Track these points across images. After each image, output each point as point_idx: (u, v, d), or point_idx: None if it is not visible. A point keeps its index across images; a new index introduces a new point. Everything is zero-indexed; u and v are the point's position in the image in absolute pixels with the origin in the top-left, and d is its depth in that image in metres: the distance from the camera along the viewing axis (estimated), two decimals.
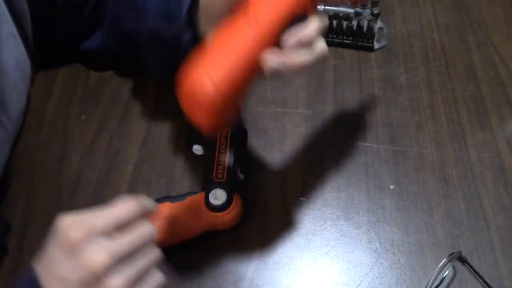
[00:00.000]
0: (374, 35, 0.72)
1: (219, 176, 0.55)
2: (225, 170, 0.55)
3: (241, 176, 0.57)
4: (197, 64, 0.40)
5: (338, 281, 0.52)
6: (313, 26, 0.43)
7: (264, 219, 0.56)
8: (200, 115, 0.40)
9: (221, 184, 0.54)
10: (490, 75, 0.70)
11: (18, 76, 0.56)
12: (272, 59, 0.41)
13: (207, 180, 0.55)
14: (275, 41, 0.41)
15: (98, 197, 0.58)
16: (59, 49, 0.69)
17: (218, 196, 0.53)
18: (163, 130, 0.64)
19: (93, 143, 0.63)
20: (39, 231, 0.55)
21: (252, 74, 0.41)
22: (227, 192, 0.53)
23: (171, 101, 0.67)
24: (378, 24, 0.74)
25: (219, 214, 0.53)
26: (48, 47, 0.66)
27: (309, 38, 0.42)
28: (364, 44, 0.72)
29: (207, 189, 0.54)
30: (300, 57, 0.42)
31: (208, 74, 0.38)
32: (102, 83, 0.69)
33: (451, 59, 0.72)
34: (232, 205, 0.53)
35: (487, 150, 0.62)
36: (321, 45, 0.44)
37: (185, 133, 0.61)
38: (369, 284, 0.52)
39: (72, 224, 0.38)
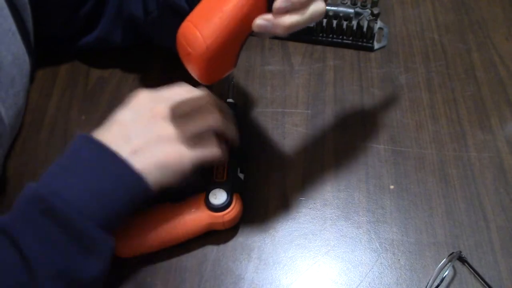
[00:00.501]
0: (374, 35, 0.72)
1: (219, 176, 0.55)
2: (225, 170, 0.55)
3: (241, 176, 0.57)
4: (189, 20, 0.42)
5: (338, 281, 0.52)
6: None
7: (264, 219, 0.56)
8: (194, 68, 0.43)
9: (221, 184, 0.54)
10: (490, 75, 0.70)
11: (16, 72, 0.55)
12: (260, 17, 0.42)
13: (207, 180, 0.55)
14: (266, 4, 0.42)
15: None
16: (56, 46, 0.69)
17: (218, 196, 0.53)
18: None
19: None
20: None
21: (241, 31, 0.42)
22: (227, 192, 0.53)
23: None
24: (378, 24, 0.74)
25: (219, 214, 0.52)
26: (46, 43, 0.66)
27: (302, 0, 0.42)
28: (364, 44, 0.72)
29: (207, 189, 0.54)
30: (290, 18, 0.42)
31: (198, 31, 0.41)
32: (102, 83, 0.69)
33: (451, 59, 0.72)
34: (232, 205, 0.53)
35: (487, 150, 0.62)
36: (317, 6, 0.44)
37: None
38: (369, 284, 0.52)
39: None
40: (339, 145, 0.62)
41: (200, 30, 0.41)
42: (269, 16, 0.43)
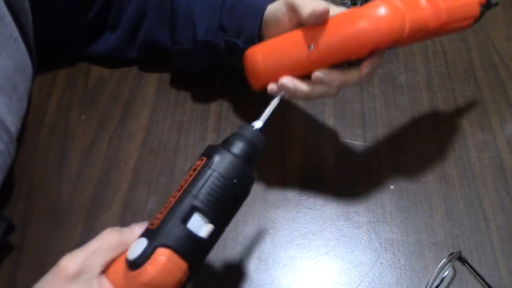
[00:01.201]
0: None
1: (155, 220, 0.39)
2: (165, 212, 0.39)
3: (206, 230, 0.38)
4: (257, 46, 0.53)
5: (338, 281, 0.52)
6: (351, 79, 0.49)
7: (264, 219, 0.56)
8: (251, 79, 0.55)
9: (149, 232, 0.38)
10: (490, 75, 0.70)
11: (18, 78, 0.56)
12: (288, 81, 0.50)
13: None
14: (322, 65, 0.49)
15: (98, 197, 0.58)
16: (60, 50, 0.70)
17: (134, 247, 0.38)
18: (163, 130, 0.64)
19: (93, 143, 0.63)
20: (39, 231, 0.55)
21: (293, 72, 0.51)
22: (148, 241, 0.37)
23: (171, 100, 0.67)
24: None
25: (130, 272, 0.37)
26: (49, 47, 0.67)
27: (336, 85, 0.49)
28: None
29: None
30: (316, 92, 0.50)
31: (261, 54, 0.52)
32: (102, 83, 0.69)
33: (451, 59, 0.72)
34: (150, 261, 0.36)
35: (487, 150, 0.62)
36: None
37: None
38: (369, 284, 0.52)
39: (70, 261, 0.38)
40: (339, 145, 0.62)
41: (264, 59, 0.52)
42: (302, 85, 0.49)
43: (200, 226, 0.38)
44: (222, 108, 0.66)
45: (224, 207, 0.39)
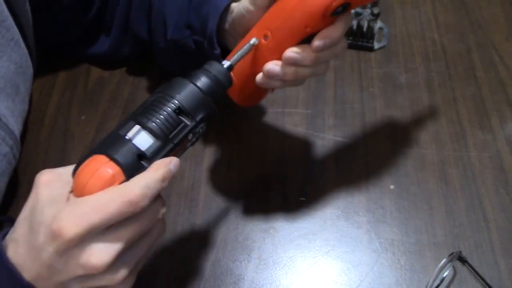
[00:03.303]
0: (374, 35, 0.72)
1: None
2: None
3: (134, 130, 0.39)
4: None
5: (338, 281, 0.52)
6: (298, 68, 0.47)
7: (264, 219, 0.56)
8: (232, 96, 0.54)
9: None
10: (490, 75, 0.70)
11: (20, 80, 0.56)
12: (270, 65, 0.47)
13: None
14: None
15: None
16: (59, 52, 0.70)
17: None
18: None
19: (93, 143, 0.63)
20: None
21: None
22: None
23: None
24: (378, 24, 0.74)
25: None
26: (48, 49, 0.67)
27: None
28: (364, 44, 0.72)
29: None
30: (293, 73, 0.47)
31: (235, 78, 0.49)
32: (102, 83, 0.69)
33: (451, 59, 0.72)
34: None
35: (487, 150, 0.62)
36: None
37: None
38: (369, 284, 0.52)
39: (65, 217, 0.34)
40: (339, 145, 0.62)
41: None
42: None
43: (130, 130, 0.38)
44: None
45: (165, 120, 0.39)
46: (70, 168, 0.39)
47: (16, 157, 0.55)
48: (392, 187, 0.59)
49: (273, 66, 0.47)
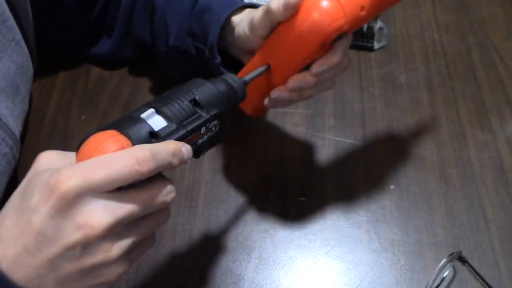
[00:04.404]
0: (374, 35, 0.72)
1: None
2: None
3: (148, 112, 0.38)
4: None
5: (338, 281, 0.52)
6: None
7: (264, 219, 0.56)
8: (242, 107, 0.54)
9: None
10: (490, 75, 0.70)
11: (20, 80, 0.56)
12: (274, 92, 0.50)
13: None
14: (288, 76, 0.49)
15: None
16: (60, 52, 0.70)
17: None
18: None
19: None
20: None
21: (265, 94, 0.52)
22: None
23: None
24: (378, 24, 0.74)
25: None
26: (49, 49, 0.67)
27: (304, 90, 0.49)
28: (364, 44, 0.72)
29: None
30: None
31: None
32: (102, 83, 0.69)
33: (451, 59, 0.72)
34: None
35: (487, 150, 0.62)
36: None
37: None
38: (369, 284, 0.52)
39: (64, 171, 0.31)
40: (339, 145, 0.62)
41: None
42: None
43: (144, 112, 0.38)
44: None
45: (180, 107, 0.39)
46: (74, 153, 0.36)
47: (16, 157, 0.55)
48: (392, 187, 0.59)
49: (279, 93, 0.49)
